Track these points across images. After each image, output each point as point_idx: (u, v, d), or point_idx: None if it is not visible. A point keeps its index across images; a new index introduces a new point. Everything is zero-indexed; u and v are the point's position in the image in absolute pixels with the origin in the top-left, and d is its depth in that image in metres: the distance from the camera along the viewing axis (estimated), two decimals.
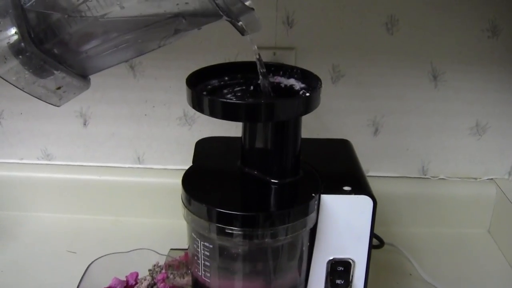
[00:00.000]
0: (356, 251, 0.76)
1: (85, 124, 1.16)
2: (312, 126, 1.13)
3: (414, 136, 1.14)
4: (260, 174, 0.74)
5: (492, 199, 1.16)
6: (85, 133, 1.17)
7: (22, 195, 1.18)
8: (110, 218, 1.17)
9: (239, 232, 0.68)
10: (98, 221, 1.17)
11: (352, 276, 0.77)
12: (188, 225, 0.72)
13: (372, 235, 0.75)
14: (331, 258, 0.76)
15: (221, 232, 0.68)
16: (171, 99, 1.13)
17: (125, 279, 0.86)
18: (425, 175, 1.19)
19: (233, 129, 0.98)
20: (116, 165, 1.21)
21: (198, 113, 1.17)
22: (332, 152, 0.86)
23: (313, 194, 0.71)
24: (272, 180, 0.73)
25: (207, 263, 0.72)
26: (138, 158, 1.19)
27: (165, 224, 1.13)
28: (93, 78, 0.64)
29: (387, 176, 1.20)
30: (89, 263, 0.88)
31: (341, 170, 0.81)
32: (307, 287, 0.77)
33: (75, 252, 0.87)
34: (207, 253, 0.72)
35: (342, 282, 0.77)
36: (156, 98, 1.13)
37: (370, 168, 1.18)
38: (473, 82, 1.09)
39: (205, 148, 0.85)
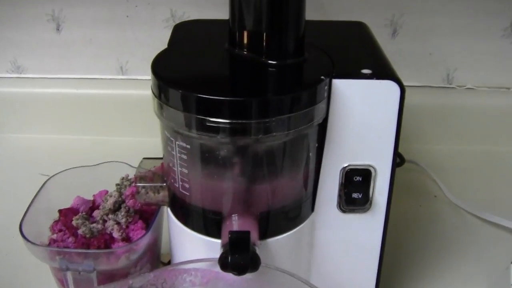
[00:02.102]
0: (378, 156, 0.58)
1: (58, 30, 1.02)
2: None
3: (438, 38, 0.99)
4: (253, 55, 0.54)
5: None
6: (58, 40, 1.01)
7: None
8: (89, 138, 1.03)
9: (225, 125, 0.49)
10: (76, 141, 1.02)
11: (372, 188, 0.58)
12: (160, 120, 0.52)
13: (399, 133, 0.55)
14: (346, 165, 0.58)
15: (201, 126, 0.50)
16: None
17: (91, 198, 0.67)
18: (450, 84, 1.04)
19: None
20: (96, 76, 1.06)
21: (188, 13, 0.97)
22: (346, 34, 0.66)
23: (323, 77, 0.50)
24: (269, 61, 0.53)
25: (185, 171, 0.53)
26: (121, 67, 1.05)
27: (154, 144, 0.94)
28: None
29: (407, 85, 1.00)
30: (71, 194, 0.71)
31: (358, 52, 0.61)
32: (314, 203, 0.58)
33: (48, 175, 0.67)
34: (184, 157, 0.53)
35: (360, 196, 0.58)
36: None
37: None
38: None
39: (185, 32, 0.65)
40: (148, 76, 1.00)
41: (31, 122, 1.05)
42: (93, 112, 1.04)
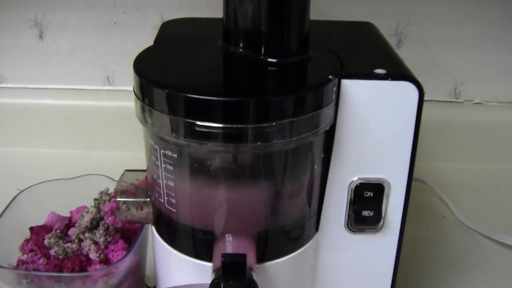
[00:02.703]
0: (393, 168, 0.51)
1: (41, 36, 0.95)
2: None
3: (445, 49, 0.93)
4: (251, 53, 0.47)
5: None
6: (42, 48, 0.94)
7: None
8: (73, 152, 0.96)
9: (218, 131, 0.42)
10: (58, 155, 0.94)
11: (385, 206, 0.51)
12: (144, 126, 0.45)
13: (417, 142, 0.47)
14: (355, 178, 0.51)
15: (190, 131, 0.43)
16: (146, 1, 0.90)
17: (68, 215, 0.59)
18: (457, 98, 0.97)
19: None
20: (81, 86, 0.98)
21: None
22: (353, 34, 0.59)
23: (330, 77, 0.43)
24: (269, 60, 0.46)
25: (171, 184, 0.45)
26: (108, 77, 0.98)
27: (143, 160, 0.87)
28: None
29: None
30: (45, 210, 0.63)
31: (369, 51, 0.53)
32: (319, 221, 0.51)
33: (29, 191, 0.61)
34: (170, 168, 0.45)
35: (371, 215, 0.51)
36: (127, 0, 0.90)
37: None
38: None
39: (174, 30, 0.58)
40: None
41: (10, 134, 0.97)
42: (78, 124, 0.96)
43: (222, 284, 0.43)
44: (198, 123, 0.42)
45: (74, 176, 0.65)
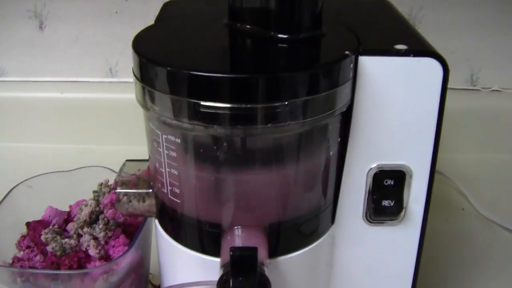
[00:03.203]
0: (415, 154, 0.46)
1: (41, 27, 0.93)
2: None
3: (461, 34, 0.89)
4: (260, 29, 0.43)
5: None
6: (42, 39, 0.92)
7: None
8: (75, 147, 0.93)
9: (225, 111, 0.38)
10: (60, 150, 0.91)
11: (407, 195, 0.47)
12: (144, 110, 0.41)
13: (441, 125, 0.43)
14: (374, 165, 0.47)
15: (194, 113, 0.39)
16: None
17: (67, 209, 0.55)
18: (474, 85, 0.94)
19: None
20: (82, 79, 0.95)
21: None
22: (368, 10, 0.55)
23: (347, 52, 0.39)
24: (280, 36, 0.41)
25: (174, 172, 0.41)
26: (110, 69, 0.95)
27: (147, 152, 0.84)
28: None
29: None
30: (44, 204, 0.59)
31: (387, 27, 0.49)
32: (335, 213, 0.46)
33: (31, 186, 0.58)
34: (174, 155, 0.41)
35: (392, 204, 0.46)
36: None
37: None
38: None
39: (176, 9, 0.54)
40: None
41: (10, 129, 0.95)
42: (80, 118, 0.94)
43: (231, 281, 0.39)
44: (202, 103, 0.38)
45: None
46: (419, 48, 0.44)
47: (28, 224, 0.55)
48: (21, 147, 0.94)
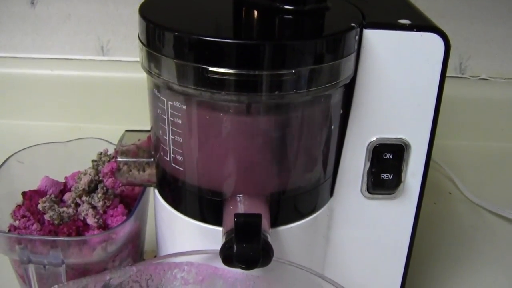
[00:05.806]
0: (414, 128, 0.47)
1: (32, 3, 0.90)
2: None
3: (450, 23, 0.88)
4: (265, 0, 0.42)
5: None
6: (33, 16, 0.90)
7: None
8: (66, 125, 0.91)
9: (231, 77, 0.38)
10: (50, 128, 0.90)
11: (405, 167, 0.47)
12: (148, 76, 0.41)
13: (441, 99, 0.44)
14: (374, 138, 0.47)
15: (200, 78, 0.39)
16: None
17: (63, 180, 0.55)
18: (463, 73, 0.95)
19: None
20: (74, 56, 0.94)
21: None
22: None
23: (353, 24, 0.39)
24: (285, 7, 0.42)
25: (178, 139, 0.41)
26: (102, 47, 0.94)
27: None
28: None
29: None
30: (38, 176, 0.58)
31: (389, 3, 0.49)
32: (334, 185, 0.46)
33: (22, 162, 0.56)
34: (178, 122, 0.41)
35: (390, 177, 0.47)
36: None
37: None
38: None
39: None
40: (132, 57, 0.88)
41: (0, 105, 0.93)
42: (70, 96, 0.93)
43: (235, 247, 0.39)
44: (210, 68, 0.38)
45: None
46: (422, 23, 0.45)
47: (24, 193, 0.55)
48: (10, 124, 0.92)
